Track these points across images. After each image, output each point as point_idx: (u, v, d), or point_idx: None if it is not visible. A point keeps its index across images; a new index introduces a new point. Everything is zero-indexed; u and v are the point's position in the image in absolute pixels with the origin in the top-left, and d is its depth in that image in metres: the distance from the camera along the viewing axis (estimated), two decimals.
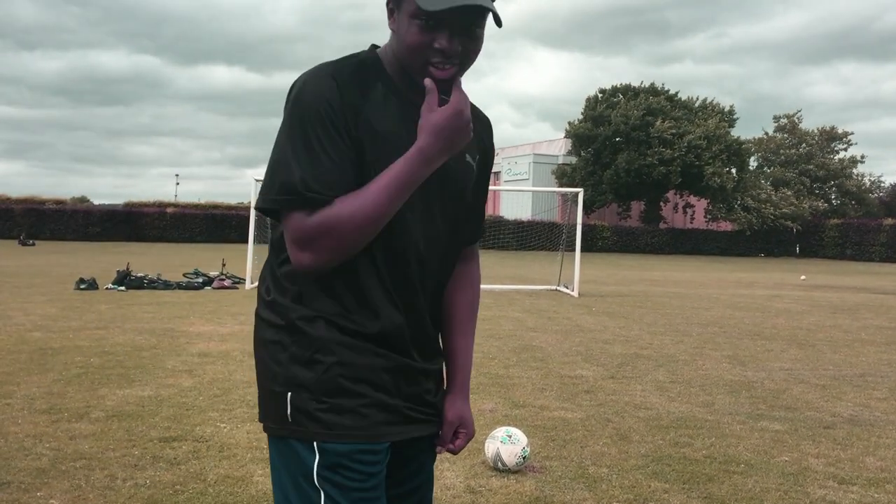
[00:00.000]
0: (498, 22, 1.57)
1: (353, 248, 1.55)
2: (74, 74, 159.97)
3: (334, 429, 1.59)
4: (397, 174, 1.54)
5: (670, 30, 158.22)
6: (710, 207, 57.11)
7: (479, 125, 1.81)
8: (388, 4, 1.62)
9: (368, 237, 1.56)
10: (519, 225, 47.52)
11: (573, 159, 58.81)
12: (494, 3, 1.59)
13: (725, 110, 58.68)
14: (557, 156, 63.60)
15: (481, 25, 1.59)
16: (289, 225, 1.56)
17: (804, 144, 65.78)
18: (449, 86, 1.59)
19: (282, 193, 1.54)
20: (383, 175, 1.55)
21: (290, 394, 1.62)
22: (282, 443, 1.64)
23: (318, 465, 1.59)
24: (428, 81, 1.57)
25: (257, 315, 1.73)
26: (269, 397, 1.67)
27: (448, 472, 4.39)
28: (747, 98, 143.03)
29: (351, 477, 1.59)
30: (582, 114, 57.72)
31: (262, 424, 1.70)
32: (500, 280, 21.70)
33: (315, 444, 1.59)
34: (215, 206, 50.79)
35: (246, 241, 18.65)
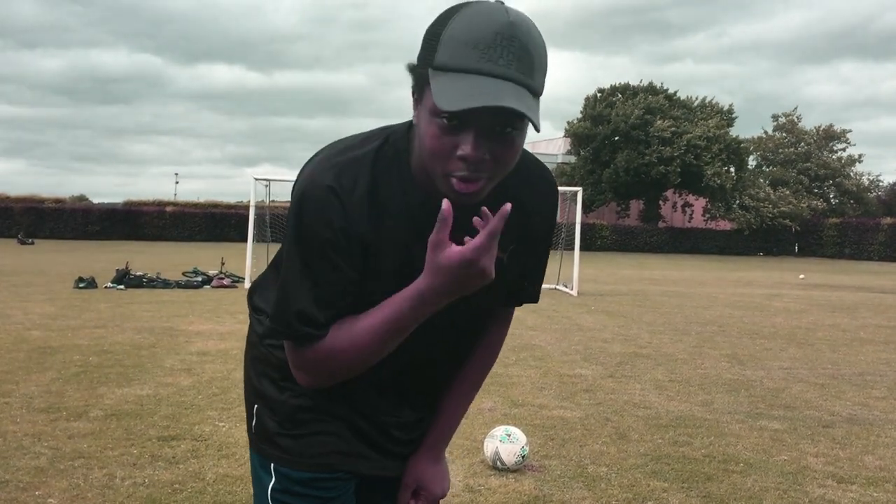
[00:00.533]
0: (536, 127, 1.24)
1: (350, 374, 1.46)
2: (75, 73, 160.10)
3: (290, 454, 1.54)
4: (391, 316, 1.37)
5: (671, 29, 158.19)
6: (708, 206, 57.15)
7: (529, 193, 1.52)
8: (412, 92, 1.33)
9: (366, 366, 1.44)
10: None
11: (572, 158, 58.81)
12: (535, 101, 1.26)
13: (724, 109, 58.70)
14: (556, 155, 63.63)
15: (518, 128, 1.26)
16: (286, 348, 1.48)
17: (803, 143, 65.80)
18: (473, 204, 1.31)
19: (276, 323, 1.43)
20: (377, 312, 1.38)
21: (255, 406, 1.60)
22: (250, 451, 1.65)
23: (272, 487, 1.56)
24: (445, 205, 1.25)
25: (251, 316, 1.71)
26: (245, 404, 1.68)
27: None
28: (748, 97, 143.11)
29: (305, 502, 1.56)
30: (581, 113, 57.73)
31: None
32: None
33: (271, 465, 1.56)
34: (215, 205, 50.77)
35: (245, 241, 18.64)
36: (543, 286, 1.71)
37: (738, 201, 56.07)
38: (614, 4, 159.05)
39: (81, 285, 15.13)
